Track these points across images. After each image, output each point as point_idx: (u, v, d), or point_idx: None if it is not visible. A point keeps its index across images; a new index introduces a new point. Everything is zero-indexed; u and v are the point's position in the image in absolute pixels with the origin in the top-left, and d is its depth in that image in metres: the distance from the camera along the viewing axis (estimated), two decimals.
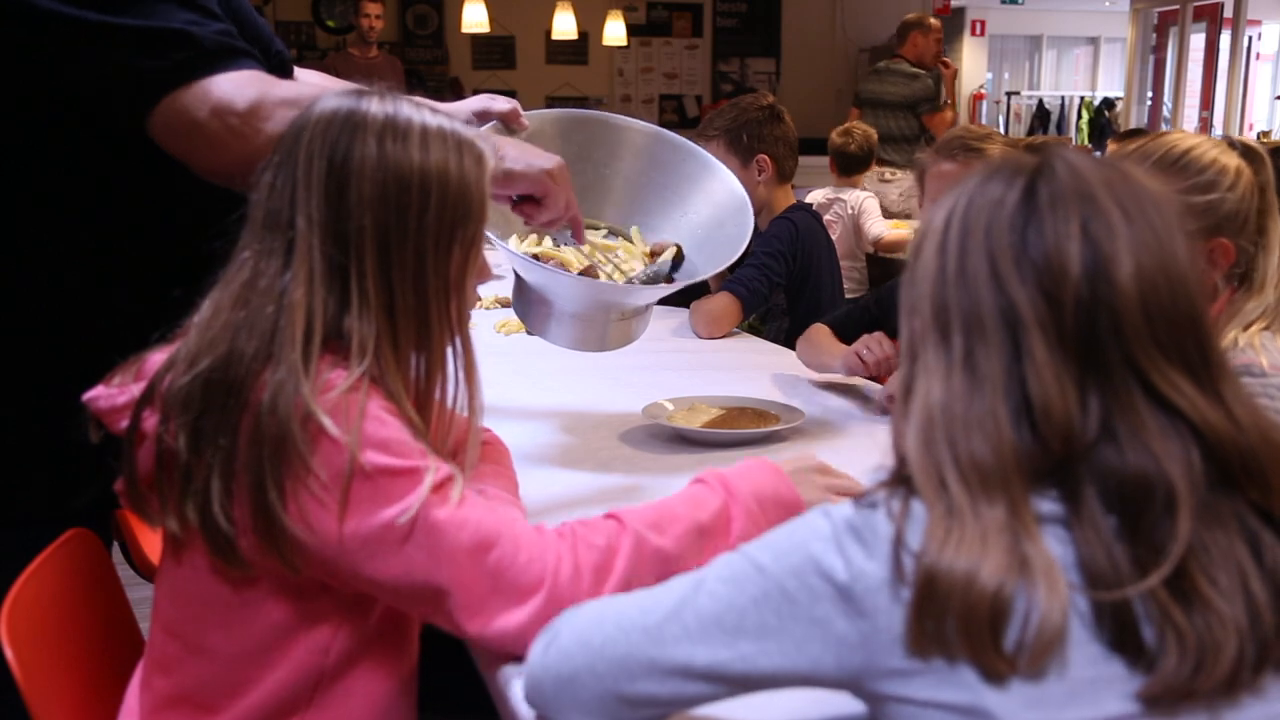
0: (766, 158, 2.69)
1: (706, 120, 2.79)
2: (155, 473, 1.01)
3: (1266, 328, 1.42)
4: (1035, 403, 0.77)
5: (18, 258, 1.33)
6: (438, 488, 0.99)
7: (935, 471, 0.78)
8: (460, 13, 6.81)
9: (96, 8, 1.21)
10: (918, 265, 0.85)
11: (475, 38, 8.33)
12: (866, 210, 4.41)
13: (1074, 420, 0.77)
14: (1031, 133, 10.63)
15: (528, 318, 1.72)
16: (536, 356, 1.73)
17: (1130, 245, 0.78)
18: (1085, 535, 0.75)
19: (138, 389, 1.04)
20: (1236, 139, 1.49)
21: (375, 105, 1.06)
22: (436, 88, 8.37)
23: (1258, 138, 7.94)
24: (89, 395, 1.07)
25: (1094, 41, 11.56)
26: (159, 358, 1.05)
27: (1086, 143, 10.31)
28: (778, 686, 0.83)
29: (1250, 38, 8.77)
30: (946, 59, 5.92)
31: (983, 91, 11.09)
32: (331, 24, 8.51)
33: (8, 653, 1.07)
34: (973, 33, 11.02)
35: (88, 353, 1.13)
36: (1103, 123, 10.62)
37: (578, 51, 8.85)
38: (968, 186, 0.84)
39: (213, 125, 1.22)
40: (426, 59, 8.66)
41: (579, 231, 1.50)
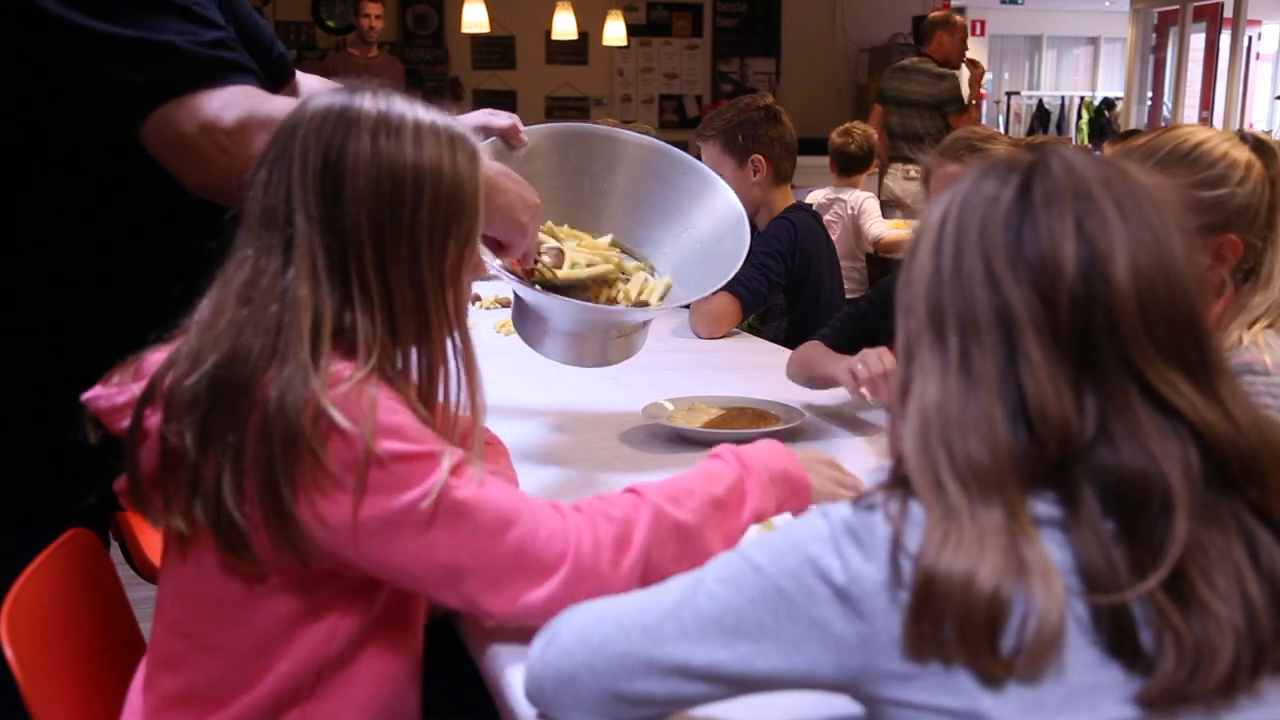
0: (761, 158, 2.69)
1: (705, 120, 2.79)
2: (159, 471, 1.01)
3: (1270, 325, 1.39)
4: (1031, 404, 0.76)
5: (18, 258, 1.33)
6: (456, 469, 1.00)
7: (932, 473, 0.78)
8: (460, 13, 6.81)
9: (91, 13, 1.21)
10: (913, 265, 0.84)
11: (475, 38, 8.32)
12: (866, 210, 4.41)
13: (1070, 421, 0.76)
14: (1031, 133, 10.62)
15: (528, 335, 1.73)
16: (536, 356, 1.74)
17: (1126, 243, 0.78)
18: (1083, 538, 0.75)
19: (138, 388, 1.04)
20: (1248, 133, 1.46)
21: (369, 102, 1.06)
22: (436, 88, 8.37)
23: None
24: (88, 395, 1.07)
25: (1094, 41, 11.55)
26: (158, 357, 1.05)
27: (1086, 143, 10.29)
28: (776, 688, 0.83)
29: (1250, 38, 8.76)
30: (974, 58, 5.87)
31: (983, 92, 11.06)
32: (331, 24, 8.51)
33: (8, 653, 1.07)
34: (973, 33, 10.96)
35: (88, 353, 1.13)
36: (1103, 123, 10.60)
37: (578, 51, 8.84)
38: (963, 185, 0.84)
39: (200, 141, 1.22)
40: (426, 59, 8.66)
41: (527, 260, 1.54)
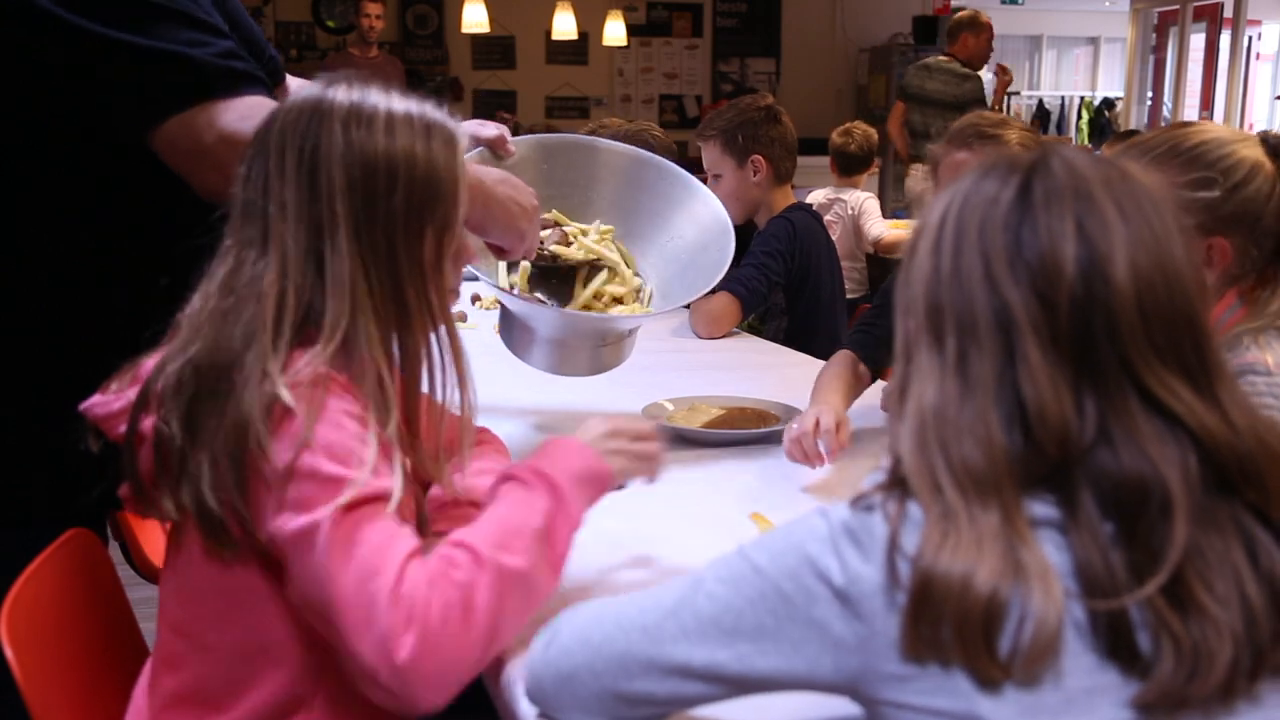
0: (761, 158, 2.69)
1: (706, 121, 2.79)
2: (156, 469, 1.02)
3: (1273, 324, 1.35)
4: (1030, 407, 0.76)
5: (18, 258, 1.33)
6: (353, 505, 0.96)
7: (929, 475, 0.77)
8: (460, 13, 6.80)
9: (101, 20, 1.21)
10: (912, 264, 0.84)
11: (475, 38, 8.31)
12: (867, 211, 4.41)
13: (1070, 424, 0.76)
14: None
15: (515, 344, 1.72)
16: None
17: (1126, 244, 0.77)
18: (1081, 540, 0.74)
19: (133, 393, 1.05)
20: (1272, 135, 1.39)
21: (341, 93, 1.07)
22: (436, 88, 8.36)
23: None
24: (86, 404, 1.07)
25: (1094, 41, 11.54)
26: (153, 362, 1.06)
27: (1086, 143, 10.29)
28: (776, 689, 0.83)
29: (1250, 38, 8.76)
30: (1003, 63, 5.82)
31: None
32: (331, 24, 8.50)
33: (8, 653, 1.07)
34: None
35: (88, 353, 1.13)
36: (1103, 123, 10.59)
37: (578, 51, 8.83)
38: (963, 184, 0.83)
39: (219, 150, 1.23)
40: (426, 59, 8.65)
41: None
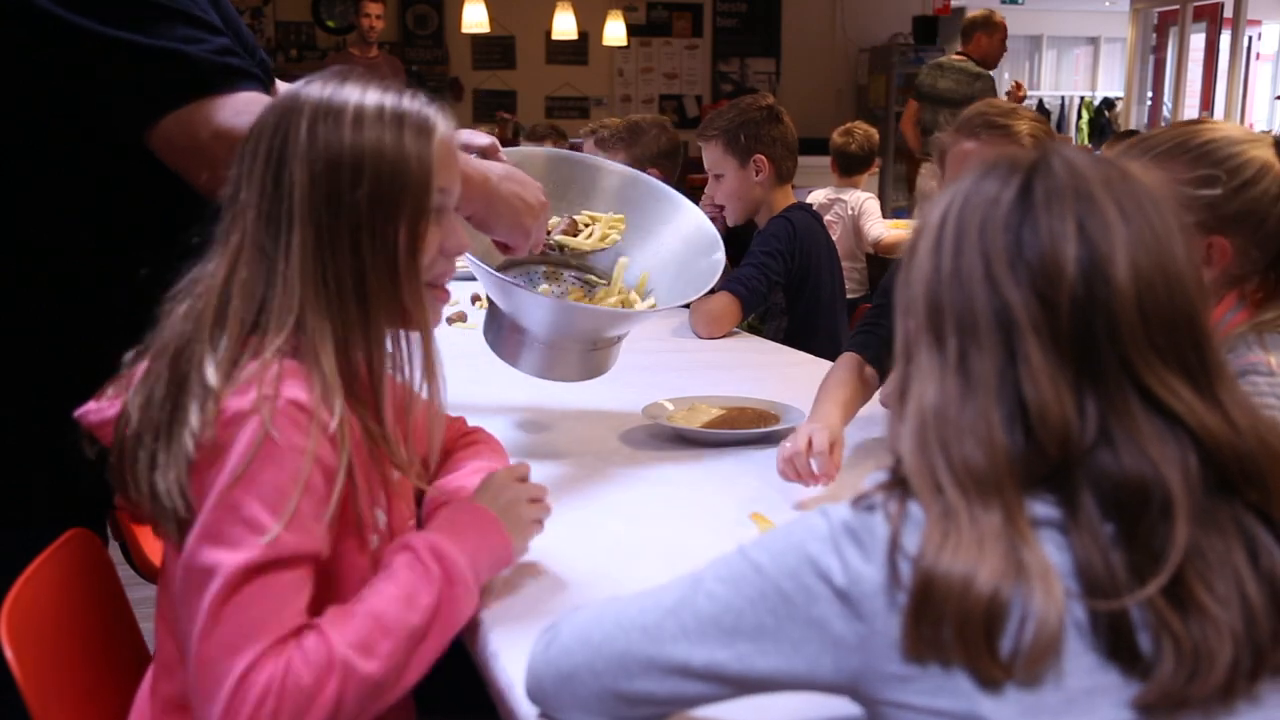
0: (764, 158, 2.69)
1: (706, 121, 2.79)
2: (118, 465, 1.02)
3: (1275, 325, 1.33)
4: (1031, 407, 0.76)
5: (18, 258, 1.33)
6: (255, 568, 0.93)
7: (930, 475, 0.77)
8: (460, 13, 6.80)
9: (97, 18, 1.21)
10: (913, 264, 0.84)
11: (475, 38, 8.32)
12: (867, 211, 4.42)
13: (1071, 425, 0.76)
14: None
15: (501, 345, 1.69)
16: None
17: (1127, 244, 0.77)
18: (1082, 540, 0.74)
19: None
20: None
21: (315, 89, 1.07)
22: (436, 88, 8.36)
23: None
24: (80, 411, 1.08)
25: (1094, 41, 11.52)
26: (145, 366, 1.06)
27: (1086, 143, 10.29)
28: (776, 688, 0.83)
29: (1250, 38, 8.75)
30: (1019, 80, 5.80)
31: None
32: (331, 24, 8.50)
33: (8, 653, 1.07)
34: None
35: (88, 353, 1.13)
36: (1103, 123, 10.59)
37: (578, 51, 8.83)
38: (963, 184, 0.83)
39: (215, 147, 1.23)
40: (426, 59, 8.65)
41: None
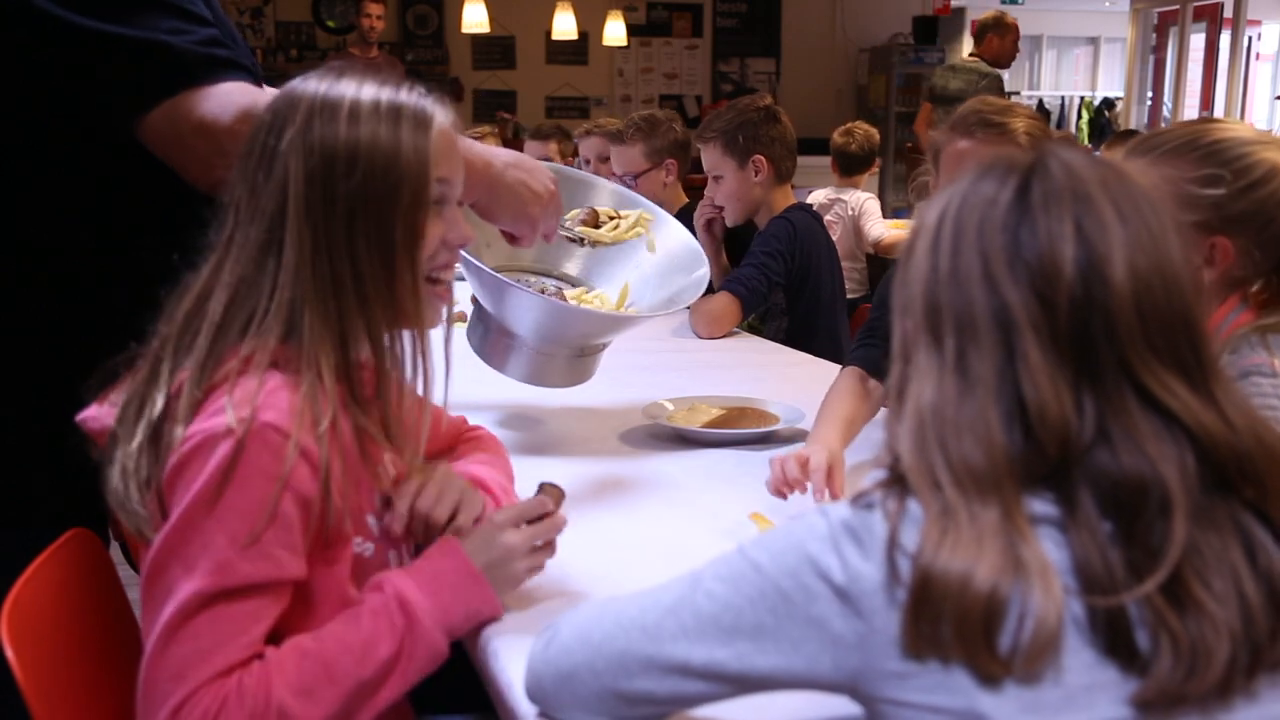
0: (763, 158, 2.69)
1: (705, 122, 2.79)
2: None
3: (1278, 326, 1.32)
4: (1030, 406, 0.76)
5: (18, 258, 1.33)
6: (212, 596, 0.93)
7: (929, 473, 0.78)
8: (460, 13, 6.80)
9: (84, 12, 1.21)
10: (910, 264, 0.84)
11: (475, 38, 8.32)
12: (867, 211, 4.42)
13: (1070, 423, 0.76)
14: None
15: (488, 347, 1.68)
16: None
17: (1124, 244, 0.78)
18: (1080, 538, 0.75)
19: None
20: None
21: (312, 85, 1.07)
22: (436, 88, 8.35)
23: None
24: (81, 416, 1.08)
25: (1094, 41, 11.53)
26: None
27: (1086, 143, 10.29)
28: (776, 687, 0.83)
29: (1250, 38, 8.75)
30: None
31: None
32: (332, 24, 8.51)
33: (8, 653, 1.07)
34: (971, 32, 10.99)
35: (88, 353, 1.13)
36: (1103, 123, 10.59)
37: (578, 52, 8.84)
38: (961, 184, 0.84)
39: (198, 139, 1.23)
40: (426, 59, 8.66)
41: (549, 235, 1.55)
